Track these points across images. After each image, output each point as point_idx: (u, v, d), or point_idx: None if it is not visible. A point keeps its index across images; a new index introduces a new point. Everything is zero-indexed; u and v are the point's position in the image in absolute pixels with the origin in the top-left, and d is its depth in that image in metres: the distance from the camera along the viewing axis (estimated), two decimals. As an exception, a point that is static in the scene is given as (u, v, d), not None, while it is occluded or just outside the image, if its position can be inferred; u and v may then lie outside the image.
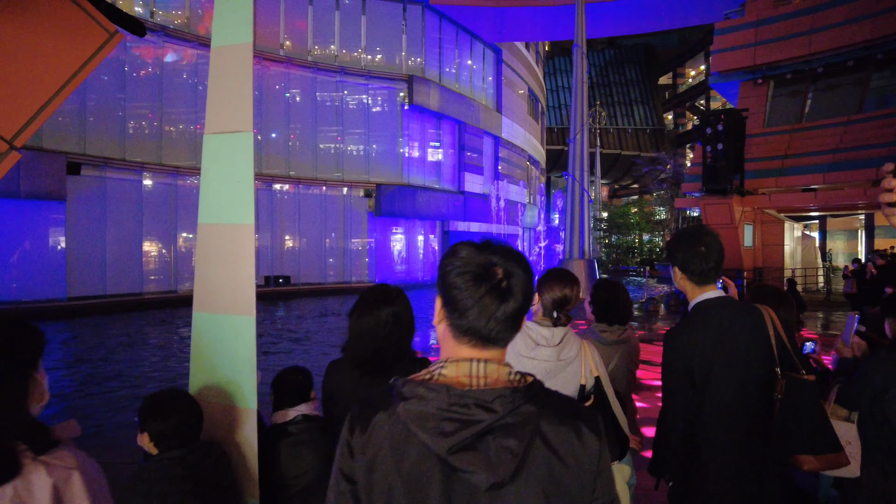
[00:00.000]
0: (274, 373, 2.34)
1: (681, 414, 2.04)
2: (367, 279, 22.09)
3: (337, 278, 21.70)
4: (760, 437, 2.03)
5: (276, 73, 20.29)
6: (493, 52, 28.62)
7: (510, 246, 1.09)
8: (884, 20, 15.38)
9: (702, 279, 2.10)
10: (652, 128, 50.27)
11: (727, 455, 1.99)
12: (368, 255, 22.47)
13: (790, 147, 16.57)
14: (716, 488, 2.00)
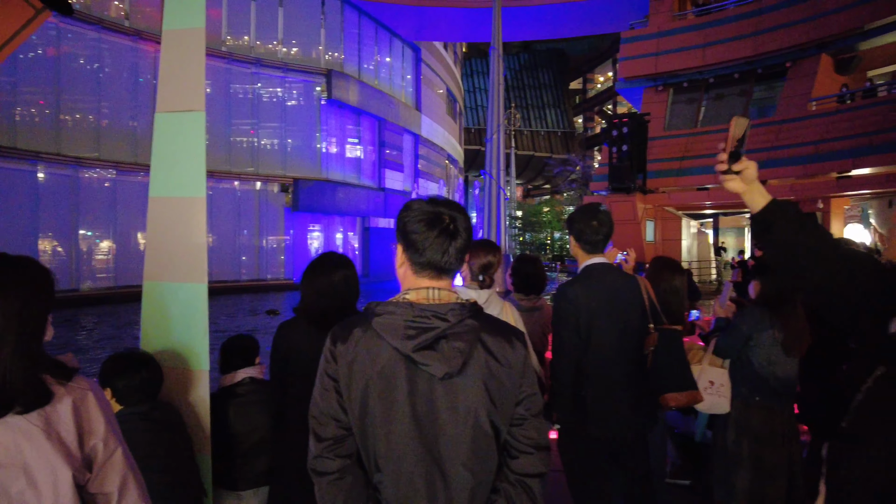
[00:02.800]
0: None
1: (569, 357, 2.40)
2: (284, 277, 21.70)
3: (252, 276, 21.14)
4: (636, 379, 2.45)
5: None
6: (413, 50, 28.90)
7: (452, 200, 1.39)
8: (762, 39, 17.08)
9: (592, 248, 2.49)
10: (563, 131, 52.46)
11: (607, 394, 2.38)
12: (285, 252, 22.06)
13: (687, 149, 18.03)
14: (596, 423, 2.39)
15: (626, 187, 16.69)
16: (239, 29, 21.03)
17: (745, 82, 18.39)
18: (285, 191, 21.61)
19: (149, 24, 17.70)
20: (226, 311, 14.97)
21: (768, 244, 1.48)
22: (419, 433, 1.27)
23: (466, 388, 1.28)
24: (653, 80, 19.64)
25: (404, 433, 1.27)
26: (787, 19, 16.68)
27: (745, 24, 17.65)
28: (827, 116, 15.76)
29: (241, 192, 20.94)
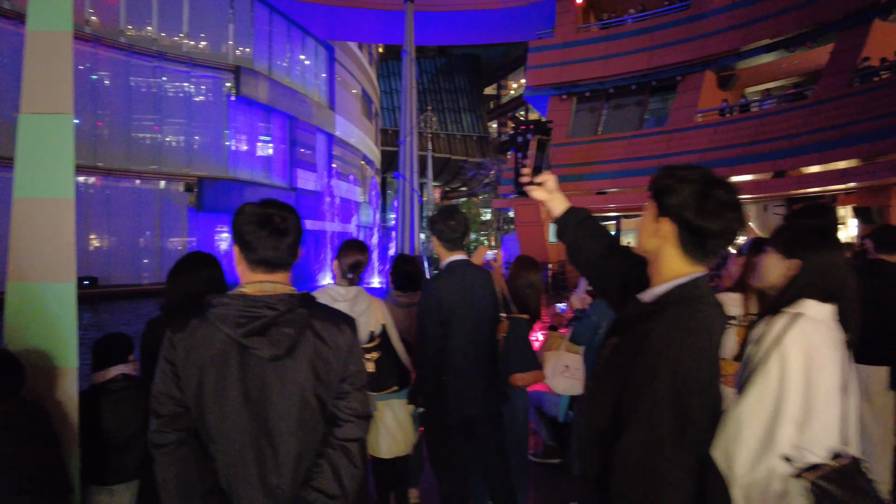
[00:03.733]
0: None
1: (432, 345, 2.66)
2: (190, 279, 20.80)
3: (153, 279, 20.11)
4: (489, 363, 2.75)
5: (81, 52, 18.29)
6: (326, 49, 28.60)
7: (281, 201, 1.59)
8: (657, 54, 18.39)
9: (452, 245, 2.76)
10: (478, 135, 53.60)
11: (464, 378, 2.66)
12: (191, 253, 21.17)
13: (588, 156, 19.07)
14: (455, 404, 2.66)
15: (532, 191, 17.44)
16: (140, 19, 19.99)
17: (642, 93, 19.69)
18: (190, 190, 20.76)
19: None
20: (123, 318, 14.21)
21: (565, 241, 1.82)
22: (249, 408, 1.45)
23: (295, 367, 1.48)
24: (558, 88, 20.60)
25: (235, 409, 1.45)
26: (677, 37, 18.06)
27: (642, 39, 18.91)
28: (710, 127, 17.22)
29: (143, 191, 19.93)
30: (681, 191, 1.40)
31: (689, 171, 1.42)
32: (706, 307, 1.37)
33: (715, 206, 1.36)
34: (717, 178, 1.41)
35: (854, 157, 13.25)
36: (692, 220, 1.38)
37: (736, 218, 1.38)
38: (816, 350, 1.56)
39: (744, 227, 1.40)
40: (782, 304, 1.66)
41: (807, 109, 14.90)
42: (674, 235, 1.42)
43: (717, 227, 1.36)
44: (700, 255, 1.42)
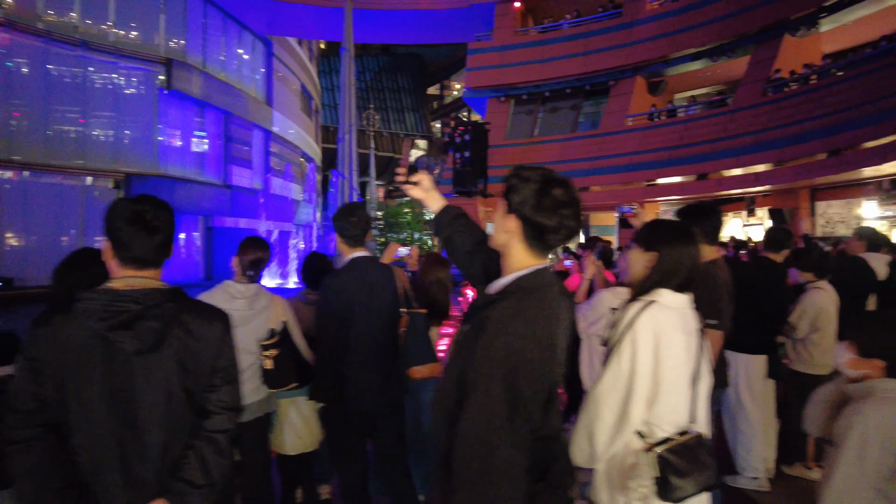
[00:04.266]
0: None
1: (330, 340, 2.70)
2: (117, 279, 19.90)
3: (77, 279, 19.13)
4: (388, 357, 2.81)
5: (-8, 38, 17.19)
6: (264, 44, 27.92)
7: (158, 198, 1.59)
8: (590, 59, 18.97)
9: (353, 242, 2.80)
10: (422, 134, 53.63)
11: (364, 372, 2.71)
12: (118, 253, 20.24)
13: (524, 157, 19.45)
14: (354, 398, 2.71)
15: (468, 191, 17.65)
16: (61, 4, 18.94)
17: (576, 97, 20.27)
18: (118, 187, 19.84)
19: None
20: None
21: (440, 236, 1.92)
22: (113, 401, 1.46)
23: (161, 361, 1.50)
24: (496, 90, 20.92)
25: (98, 402, 1.45)
26: (610, 43, 18.69)
27: (577, 44, 19.45)
28: (640, 132, 17.91)
29: (66, 187, 18.89)
30: (523, 189, 1.50)
31: (531, 172, 1.53)
32: (543, 296, 1.47)
33: (551, 203, 1.47)
34: (558, 178, 1.52)
35: (766, 162, 14.10)
36: (531, 216, 1.48)
37: (570, 215, 1.49)
38: (665, 334, 1.70)
39: (580, 223, 1.51)
40: (640, 294, 1.80)
41: (726, 116, 15.75)
42: (518, 231, 1.52)
43: (553, 223, 1.47)
44: (541, 248, 1.52)
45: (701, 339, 1.82)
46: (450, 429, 1.42)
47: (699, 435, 1.68)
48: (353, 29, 21.47)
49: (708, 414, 1.79)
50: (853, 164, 11.83)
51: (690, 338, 1.76)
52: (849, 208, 14.90)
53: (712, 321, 2.86)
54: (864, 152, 11.61)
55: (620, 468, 1.67)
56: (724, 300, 2.91)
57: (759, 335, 3.72)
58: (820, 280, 3.90)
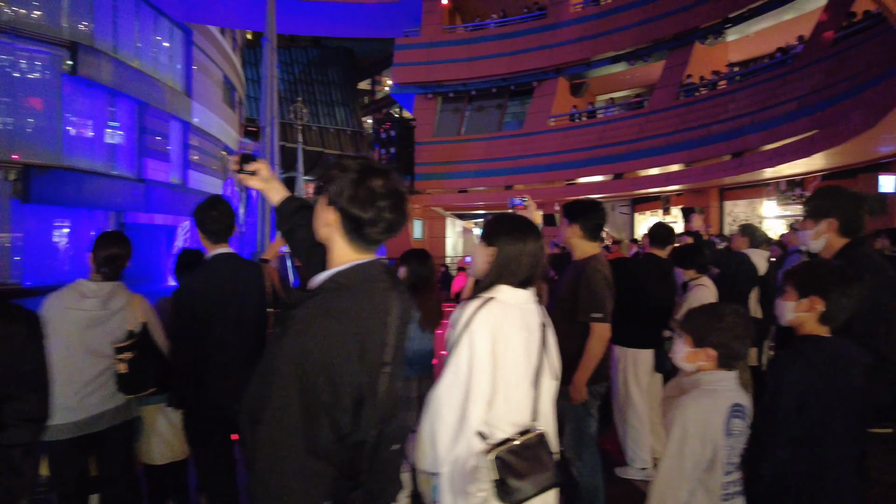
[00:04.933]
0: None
1: (186, 343, 2.53)
2: (12, 280, 18.40)
3: (-36, 280, 17.59)
4: (254, 360, 2.66)
5: None
6: (183, 31, 26.59)
7: None
8: (515, 59, 19.24)
9: (216, 237, 2.64)
10: (352, 130, 52.91)
11: (227, 375, 2.56)
12: (14, 252, 18.71)
13: (451, 155, 19.52)
14: (217, 402, 2.55)
15: (395, 187, 17.56)
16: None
17: (502, 97, 20.51)
18: (13, 179, 18.32)
19: None
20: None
21: (281, 229, 1.80)
22: None
23: None
24: (423, 87, 20.85)
25: None
26: (534, 44, 19.02)
27: (503, 44, 19.66)
28: (561, 132, 18.35)
29: (-47, 177, 17.28)
30: (340, 180, 1.41)
31: (351, 162, 1.44)
32: (361, 292, 1.39)
33: (366, 194, 1.38)
34: (377, 168, 1.44)
35: (677, 163, 14.79)
36: (346, 207, 1.39)
37: (388, 207, 1.40)
38: (503, 331, 1.66)
39: (402, 216, 1.43)
40: (480, 290, 1.75)
41: (643, 118, 16.39)
42: (338, 224, 1.43)
43: (369, 216, 1.39)
44: (362, 242, 1.43)
45: (547, 335, 1.79)
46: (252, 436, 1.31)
47: (541, 434, 1.65)
48: (277, 19, 20.78)
49: (553, 411, 1.77)
50: (752, 166, 12.59)
51: (532, 334, 1.74)
52: (752, 207, 15.86)
53: (597, 314, 2.89)
54: (762, 155, 12.38)
55: (462, 471, 1.62)
56: (605, 293, 2.95)
57: (645, 330, 3.83)
58: (701, 277, 4.06)
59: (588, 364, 2.93)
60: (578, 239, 3.07)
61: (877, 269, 2.20)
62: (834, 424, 1.85)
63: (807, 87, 11.76)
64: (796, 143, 11.16)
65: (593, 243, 3.07)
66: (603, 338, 2.92)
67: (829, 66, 11.47)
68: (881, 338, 2.11)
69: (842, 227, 2.29)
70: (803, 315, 1.93)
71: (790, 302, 1.95)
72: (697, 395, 1.85)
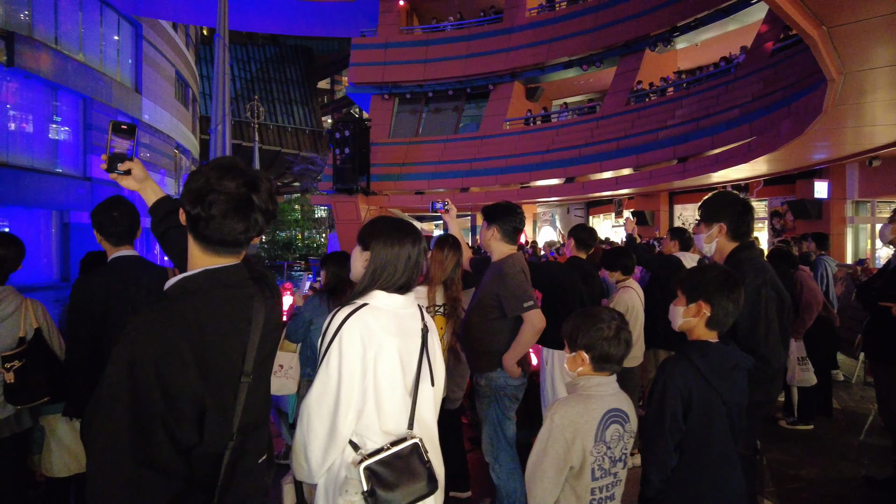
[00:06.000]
0: None
1: (79, 344, 2.41)
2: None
3: None
4: None
5: None
6: (132, 25, 25.78)
7: None
8: (471, 62, 19.31)
9: (117, 239, 2.53)
10: (311, 129, 52.25)
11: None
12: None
13: (407, 156, 19.45)
14: None
15: (349, 188, 17.33)
16: None
17: (458, 99, 20.55)
18: (-55, 175, 17.42)
19: None
20: None
21: (154, 232, 1.73)
22: None
23: None
24: (379, 88, 20.71)
25: None
26: (489, 48, 19.13)
27: (459, 46, 19.71)
28: (516, 135, 18.51)
29: None
30: (191, 180, 1.35)
31: (213, 162, 1.37)
32: (211, 298, 1.32)
33: (198, 188, 1.31)
34: (229, 166, 1.35)
35: (627, 167, 15.08)
36: (186, 208, 1.34)
37: (220, 202, 1.30)
38: (374, 338, 1.62)
39: (241, 216, 1.32)
40: (355, 296, 1.71)
41: (594, 123, 16.67)
42: (188, 226, 1.37)
43: (195, 212, 1.32)
44: (207, 245, 1.36)
45: (430, 340, 1.76)
46: None
47: (414, 443, 1.62)
48: (230, 16, 20.36)
49: (434, 418, 1.75)
50: (696, 171, 12.95)
51: (410, 340, 1.70)
52: (699, 211, 16.31)
53: (527, 303, 2.89)
54: (706, 160, 12.75)
55: (335, 483, 1.58)
56: (526, 284, 2.97)
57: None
58: (627, 279, 4.13)
59: (518, 347, 2.94)
60: (497, 241, 3.08)
61: (759, 270, 2.29)
62: (718, 427, 1.88)
63: (747, 95, 12.18)
64: (736, 148, 11.54)
65: (511, 245, 3.08)
66: (536, 324, 2.92)
67: (767, 75, 11.93)
68: (760, 340, 2.17)
69: (730, 231, 2.38)
70: (692, 320, 1.96)
71: (680, 307, 1.99)
72: (569, 400, 1.86)
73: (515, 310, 2.90)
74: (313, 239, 45.58)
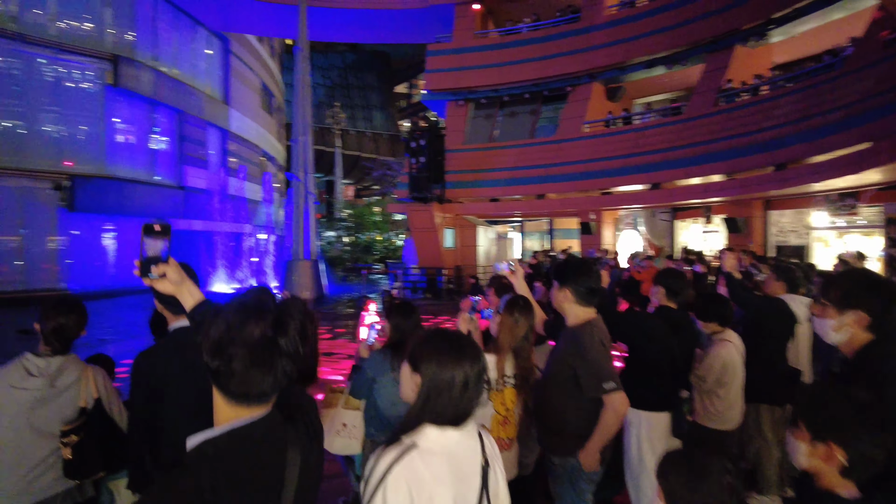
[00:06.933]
0: None
1: (141, 421, 2.32)
2: (61, 286, 19.05)
3: (16, 286, 18.28)
4: None
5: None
6: (221, 40, 27.15)
7: None
8: (548, 64, 18.78)
9: (177, 309, 2.40)
10: (389, 133, 53.15)
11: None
12: (61, 258, 19.41)
13: (482, 163, 19.20)
14: None
15: (424, 197, 17.32)
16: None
17: (534, 102, 20.07)
18: (59, 189, 18.98)
19: None
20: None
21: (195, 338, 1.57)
22: None
23: None
24: (455, 94, 20.59)
25: None
26: (567, 48, 18.53)
27: (535, 48, 19.23)
28: (595, 138, 17.79)
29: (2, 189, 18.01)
30: (213, 325, 1.20)
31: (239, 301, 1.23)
32: (222, 468, 1.15)
33: (219, 339, 1.21)
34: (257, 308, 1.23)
35: (717, 173, 14.08)
36: (206, 359, 1.23)
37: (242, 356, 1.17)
38: (426, 490, 1.39)
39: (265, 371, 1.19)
40: (402, 431, 1.48)
41: (680, 125, 15.71)
42: (210, 377, 1.22)
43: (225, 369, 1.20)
44: (233, 399, 1.22)
45: (490, 479, 1.51)
46: None
47: None
48: (310, 27, 20.94)
49: None
50: (796, 180, 11.85)
51: (466, 485, 1.46)
52: (799, 218, 15.01)
53: (608, 384, 2.58)
54: (807, 167, 11.63)
55: None
56: (607, 360, 2.64)
57: (660, 391, 3.47)
58: (725, 331, 3.66)
59: (602, 436, 2.62)
60: (571, 304, 2.74)
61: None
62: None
63: (857, 93, 10.96)
64: (845, 156, 10.41)
65: (588, 308, 2.75)
66: (619, 410, 2.59)
67: (882, 70, 10.66)
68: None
69: (872, 325, 1.90)
70: (819, 464, 1.53)
71: (802, 443, 1.57)
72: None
73: (594, 390, 2.57)
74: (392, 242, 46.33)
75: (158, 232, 1.55)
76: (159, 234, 1.56)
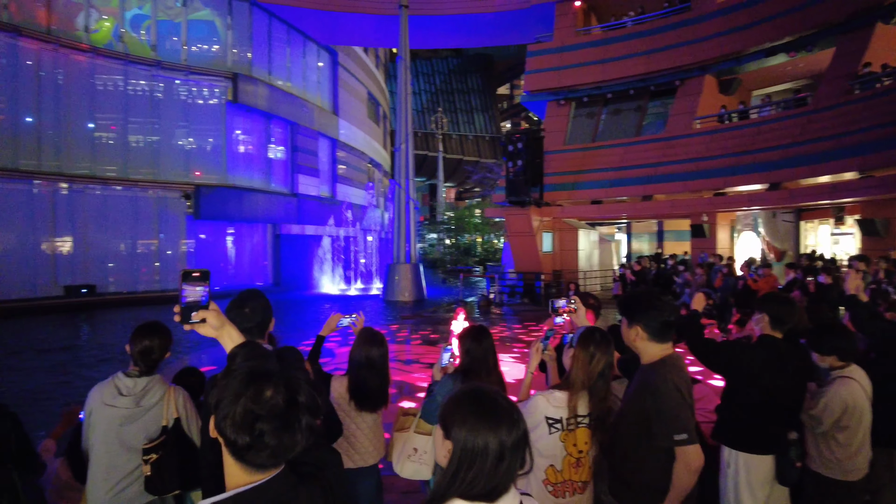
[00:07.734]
0: None
1: (209, 443, 2.38)
2: (188, 286, 20.87)
3: (151, 286, 20.32)
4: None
5: (77, 62, 18.50)
6: (329, 53, 28.50)
7: None
8: (654, 58, 17.82)
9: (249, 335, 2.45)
10: (491, 135, 53.21)
11: None
12: (188, 261, 21.32)
13: (583, 163, 18.58)
14: None
15: (521, 201, 17.05)
16: (138, 27, 20.17)
17: (640, 98, 19.12)
18: (187, 198, 20.85)
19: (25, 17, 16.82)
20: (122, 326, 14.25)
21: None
22: None
23: None
24: (555, 93, 20.11)
25: None
26: (675, 40, 17.48)
27: (640, 42, 18.34)
28: (708, 135, 16.59)
29: (140, 199, 20.08)
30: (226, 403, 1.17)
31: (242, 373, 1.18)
32: None
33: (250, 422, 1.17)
34: (263, 374, 1.20)
35: (849, 170, 12.59)
36: (231, 438, 1.20)
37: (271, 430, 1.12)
38: None
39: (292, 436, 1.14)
40: (433, 500, 1.35)
41: (804, 118, 14.25)
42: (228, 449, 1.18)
43: (256, 444, 1.18)
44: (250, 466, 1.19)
45: None
46: None
47: None
48: (412, 35, 21.42)
49: None
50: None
51: None
52: (955, 218, 13.06)
53: (680, 436, 2.32)
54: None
55: None
56: (682, 407, 2.36)
57: (762, 431, 3.07)
58: (848, 366, 3.16)
59: (677, 493, 2.36)
60: (644, 342, 2.47)
61: None
62: None
63: None
64: None
65: (663, 345, 2.47)
66: (691, 464, 2.32)
67: None
68: None
69: None
70: None
71: None
72: None
73: (665, 439, 2.31)
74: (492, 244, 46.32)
75: (197, 277, 1.56)
76: (199, 280, 1.56)
